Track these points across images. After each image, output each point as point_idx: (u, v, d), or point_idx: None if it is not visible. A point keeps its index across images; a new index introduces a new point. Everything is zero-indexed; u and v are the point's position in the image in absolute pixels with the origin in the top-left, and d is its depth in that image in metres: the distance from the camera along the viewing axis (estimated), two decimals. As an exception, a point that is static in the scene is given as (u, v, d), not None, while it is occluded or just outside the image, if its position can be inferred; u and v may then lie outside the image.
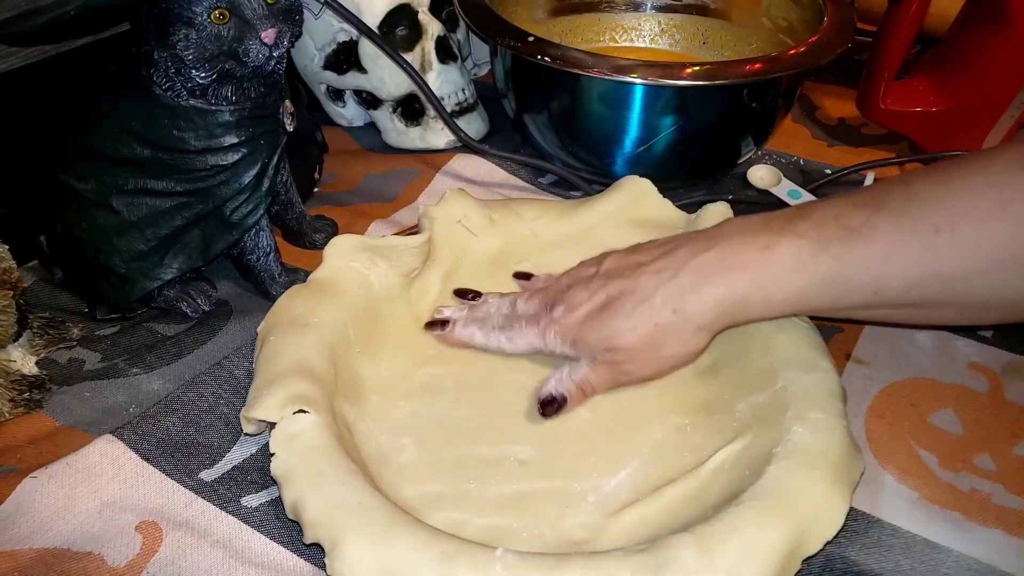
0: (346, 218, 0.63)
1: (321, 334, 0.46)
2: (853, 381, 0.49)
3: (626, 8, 0.78)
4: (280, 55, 0.48)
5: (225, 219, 0.52)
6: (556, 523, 0.41)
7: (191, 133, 0.49)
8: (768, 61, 0.59)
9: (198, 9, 0.45)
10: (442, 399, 0.47)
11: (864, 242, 0.39)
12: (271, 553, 0.40)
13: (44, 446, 0.45)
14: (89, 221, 0.50)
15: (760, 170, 0.67)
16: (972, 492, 0.43)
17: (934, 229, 0.38)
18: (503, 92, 0.67)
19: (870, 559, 0.40)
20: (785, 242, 0.41)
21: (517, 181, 0.68)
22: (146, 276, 0.51)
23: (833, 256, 0.40)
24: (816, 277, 0.40)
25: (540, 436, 0.45)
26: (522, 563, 0.35)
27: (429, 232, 0.52)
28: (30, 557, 0.39)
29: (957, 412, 0.48)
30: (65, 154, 0.51)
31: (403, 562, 0.35)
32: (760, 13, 0.73)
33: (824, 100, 0.79)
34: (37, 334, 0.50)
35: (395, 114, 0.70)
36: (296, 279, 0.55)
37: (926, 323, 0.47)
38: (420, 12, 0.67)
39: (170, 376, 0.50)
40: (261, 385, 0.42)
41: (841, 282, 0.40)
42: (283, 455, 0.39)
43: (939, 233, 0.38)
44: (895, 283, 0.39)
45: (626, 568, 0.34)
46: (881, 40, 0.65)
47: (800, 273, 0.40)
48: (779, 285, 0.41)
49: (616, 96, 0.60)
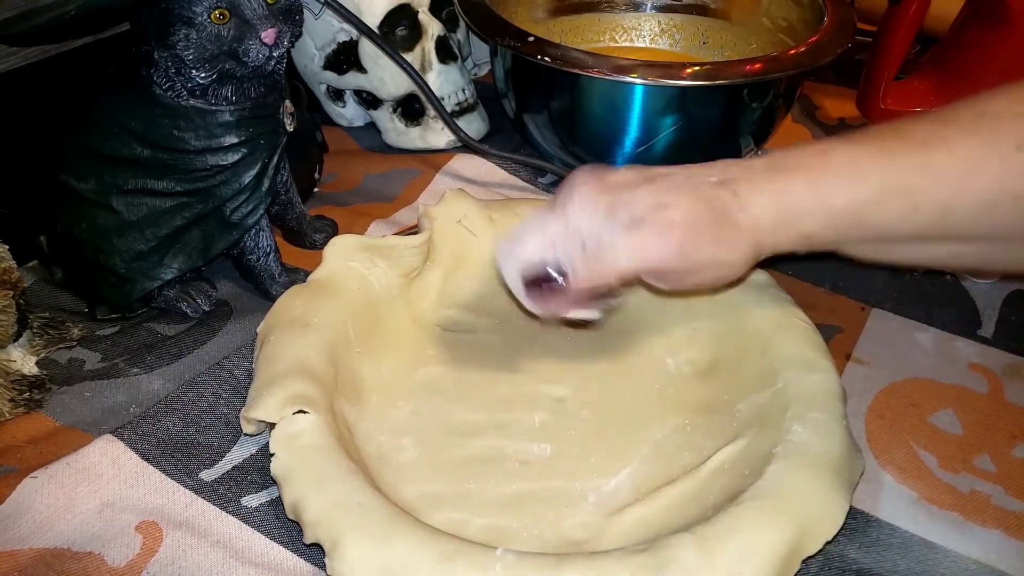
0: (346, 218, 0.63)
1: (321, 334, 0.46)
2: (853, 381, 0.49)
3: (626, 8, 0.78)
4: (280, 55, 0.48)
5: (225, 219, 0.52)
6: (556, 523, 0.41)
7: (191, 133, 0.49)
8: (768, 61, 0.59)
9: (198, 9, 0.45)
10: (442, 399, 0.47)
11: (935, 154, 0.36)
12: (271, 553, 0.40)
13: (44, 446, 0.45)
14: (89, 221, 0.50)
15: (760, 170, 0.67)
16: (972, 493, 0.43)
17: (1016, 145, 0.35)
18: (503, 92, 0.67)
19: (868, 558, 0.40)
20: (843, 147, 0.37)
21: (517, 181, 0.68)
22: (146, 276, 0.51)
23: (898, 167, 0.36)
24: (882, 187, 0.36)
25: (540, 436, 0.45)
26: (522, 563, 0.35)
27: (429, 232, 0.52)
28: (30, 557, 0.39)
29: (957, 413, 0.48)
30: (65, 154, 0.51)
31: (403, 562, 0.35)
32: (760, 13, 0.73)
33: (824, 100, 0.79)
34: (37, 334, 0.50)
35: (395, 114, 0.70)
36: (296, 279, 0.55)
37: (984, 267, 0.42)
38: (420, 12, 0.67)
39: (170, 376, 0.50)
40: (261, 385, 0.42)
41: (910, 195, 0.36)
42: (283, 455, 0.39)
43: (1021, 150, 0.35)
44: (968, 204, 0.36)
45: (626, 568, 0.34)
46: (881, 40, 0.65)
47: (863, 180, 0.36)
48: (840, 190, 0.37)
49: (616, 96, 0.60)
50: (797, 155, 0.38)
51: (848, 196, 0.37)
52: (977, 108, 0.36)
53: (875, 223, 0.37)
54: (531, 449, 0.45)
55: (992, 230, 0.37)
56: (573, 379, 0.49)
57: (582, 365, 0.50)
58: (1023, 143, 0.35)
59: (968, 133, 0.36)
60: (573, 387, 0.48)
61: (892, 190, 0.36)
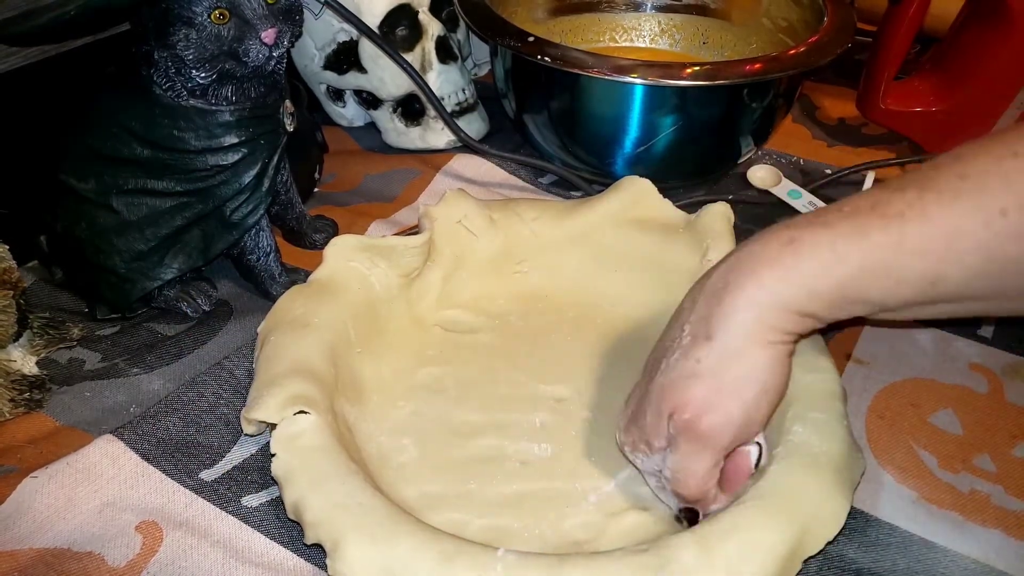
0: (346, 218, 0.63)
1: (321, 334, 0.46)
2: (853, 381, 0.49)
3: (626, 8, 0.78)
4: (280, 55, 0.48)
5: (225, 219, 0.52)
6: (557, 523, 0.41)
7: (191, 133, 0.49)
8: (768, 61, 0.59)
9: (198, 9, 0.45)
10: (442, 399, 0.47)
11: (914, 227, 0.34)
12: (271, 553, 0.40)
13: (44, 446, 0.45)
14: (89, 221, 0.50)
15: (760, 170, 0.67)
16: (972, 493, 0.43)
17: (1000, 211, 0.33)
18: (503, 92, 0.67)
19: (868, 558, 0.40)
20: (813, 233, 0.36)
21: (517, 181, 0.68)
22: (146, 276, 0.51)
23: (875, 245, 0.35)
24: (862, 267, 0.35)
25: (541, 436, 0.45)
26: (523, 563, 0.35)
27: (429, 232, 0.52)
28: (30, 557, 0.39)
29: (957, 412, 0.48)
30: (65, 154, 0.51)
31: (404, 562, 0.35)
32: (760, 13, 0.73)
33: (824, 100, 0.79)
34: (37, 334, 0.50)
35: (395, 114, 0.70)
36: (296, 279, 0.55)
37: (997, 315, 0.40)
38: (420, 12, 0.67)
39: (170, 376, 0.50)
40: (261, 386, 0.42)
41: (891, 272, 0.35)
42: (284, 456, 0.39)
43: (1007, 216, 0.33)
44: (956, 272, 0.34)
45: (627, 568, 0.34)
46: (881, 40, 0.65)
47: (839, 263, 0.35)
48: (817, 275, 0.35)
49: (616, 96, 0.60)
50: (763, 251, 0.37)
51: (829, 282, 0.35)
52: (959, 169, 0.35)
53: (865, 299, 0.36)
54: (532, 449, 0.45)
55: (987, 292, 0.36)
56: (574, 379, 0.49)
57: (583, 365, 0.50)
58: (1008, 208, 0.33)
59: (949, 200, 0.34)
60: (574, 387, 0.48)
61: (871, 269, 0.35)
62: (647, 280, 0.53)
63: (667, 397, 0.38)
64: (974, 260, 0.34)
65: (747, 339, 0.36)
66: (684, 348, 0.38)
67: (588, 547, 0.40)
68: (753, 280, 0.36)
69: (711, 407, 0.37)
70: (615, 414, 0.46)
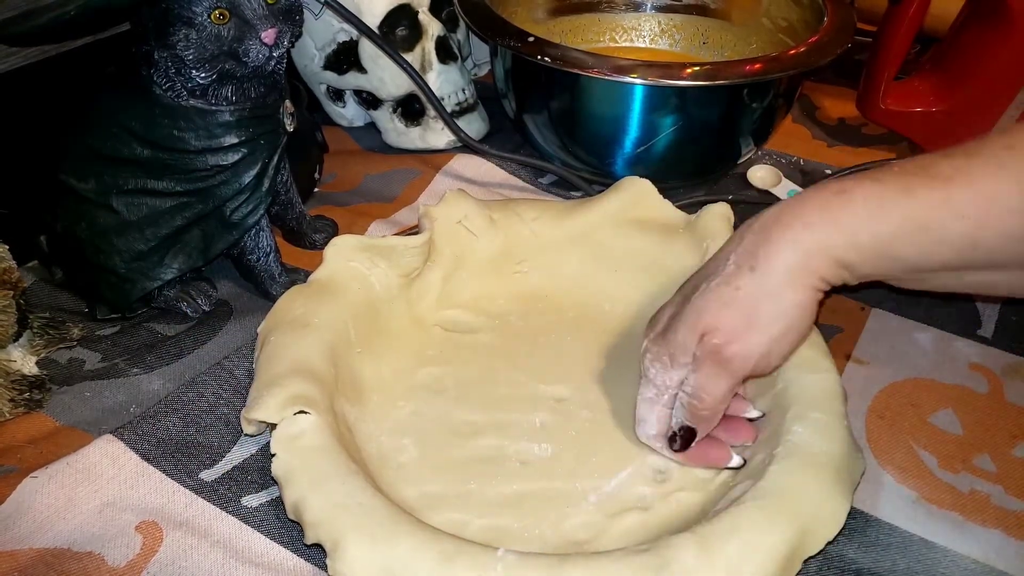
0: (346, 218, 0.63)
1: (322, 334, 0.46)
2: (853, 381, 0.49)
3: (626, 8, 0.78)
4: (280, 55, 0.48)
5: (225, 219, 0.52)
6: (557, 523, 0.41)
7: (191, 133, 0.49)
8: (768, 61, 0.59)
9: (198, 9, 0.45)
10: (443, 399, 0.47)
11: (956, 189, 0.36)
12: (271, 553, 0.40)
13: (44, 446, 0.45)
14: (89, 221, 0.50)
15: (760, 170, 0.67)
16: (972, 493, 0.43)
17: None
18: (503, 92, 0.67)
19: (867, 558, 0.40)
20: (863, 187, 0.37)
21: (517, 181, 0.68)
22: (146, 276, 0.51)
23: (920, 203, 0.36)
24: (905, 223, 0.36)
25: (541, 436, 0.45)
26: (523, 563, 0.35)
27: (429, 232, 0.52)
28: (30, 557, 0.39)
29: (957, 412, 0.48)
30: (65, 154, 0.51)
31: (404, 562, 0.35)
32: (760, 13, 0.73)
33: (824, 100, 0.79)
34: (37, 334, 0.50)
35: (395, 114, 0.70)
36: (296, 279, 0.55)
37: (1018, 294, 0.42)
38: (420, 12, 0.67)
39: (170, 376, 0.50)
40: (262, 386, 0.42)
41: (931, 230, 0.36)
42: (284, 456, 0.39)
43: None
44: (993, 236, 0.36)
45: (627, 568, 0.34)
46: (881, 40, 0.65)
47: (885, 216, 0.37)
48: (863, 226, 0.37)
49: (616, 96, 0.60)
50: (814, 197, 0.38)
51: (872, 232, 0.37)
52: (1006, 140, 0.36)
53: (903, 257, 0.38)
54: (532, 449, 0.45)
55: (1021, 258, 0.37)
56: (574, 379, 0.49)
57: (583, 365, 0.50)
58: None
59: (993, 167, 0.36)
60: (574, 387, 0.48)
61: (916, 225, 0.37)
62: (647, 280, 0.53)
63: (703, 318, 0.40)
64: (1012, 226, 0.36)
65: (787, 276, 0.38)
66: (726, 275, 0.40)
67: (588, 547, 0.40)
68: (801, 222, 0.38)
69: (739, 337, 0.39)
70: (616, 414, 0.46)
